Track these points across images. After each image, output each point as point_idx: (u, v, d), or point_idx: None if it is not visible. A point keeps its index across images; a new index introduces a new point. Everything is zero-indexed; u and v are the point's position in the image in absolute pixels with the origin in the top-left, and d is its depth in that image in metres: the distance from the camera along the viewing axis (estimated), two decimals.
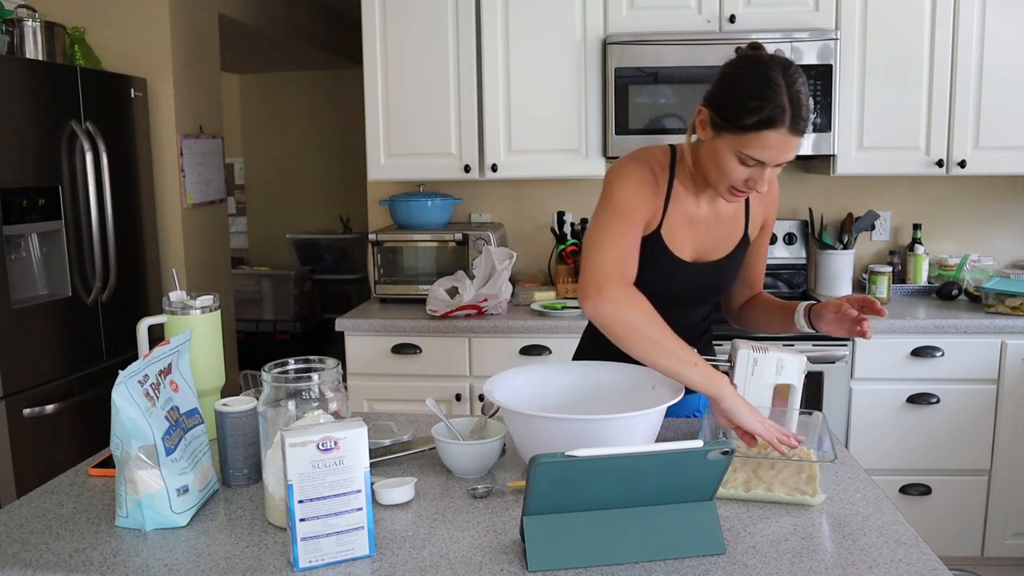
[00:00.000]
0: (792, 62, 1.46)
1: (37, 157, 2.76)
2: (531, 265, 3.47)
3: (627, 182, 1.57)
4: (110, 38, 3.42)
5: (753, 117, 1.41)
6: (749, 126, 1.42)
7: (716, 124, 1.48)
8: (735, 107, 1.44)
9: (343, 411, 1.25)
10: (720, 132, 1.47)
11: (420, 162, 3.08)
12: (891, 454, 2.80)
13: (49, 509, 1.30)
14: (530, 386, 1.54)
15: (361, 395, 2.90)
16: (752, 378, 1.52)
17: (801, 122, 1.42)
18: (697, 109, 1.52)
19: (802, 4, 2.90)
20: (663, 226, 1.61)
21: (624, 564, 1.10)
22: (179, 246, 3.57)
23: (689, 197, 1.63)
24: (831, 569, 1.09)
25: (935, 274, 3.25)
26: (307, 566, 1.10)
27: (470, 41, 3.01)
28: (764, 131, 1.41)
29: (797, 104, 1.41)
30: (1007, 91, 2.90)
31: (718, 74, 1.51)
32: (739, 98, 1.43)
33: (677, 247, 1.63)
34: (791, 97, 1.41)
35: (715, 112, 1.48)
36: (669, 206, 1.61)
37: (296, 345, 5.40)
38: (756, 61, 1.46)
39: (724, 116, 1.46)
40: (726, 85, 1.47)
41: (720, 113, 1.47)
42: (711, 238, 1.67)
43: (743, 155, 1.45)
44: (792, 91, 1.41)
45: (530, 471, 1.05)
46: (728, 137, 1.46)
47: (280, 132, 6.50)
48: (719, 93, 1.48)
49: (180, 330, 1.49)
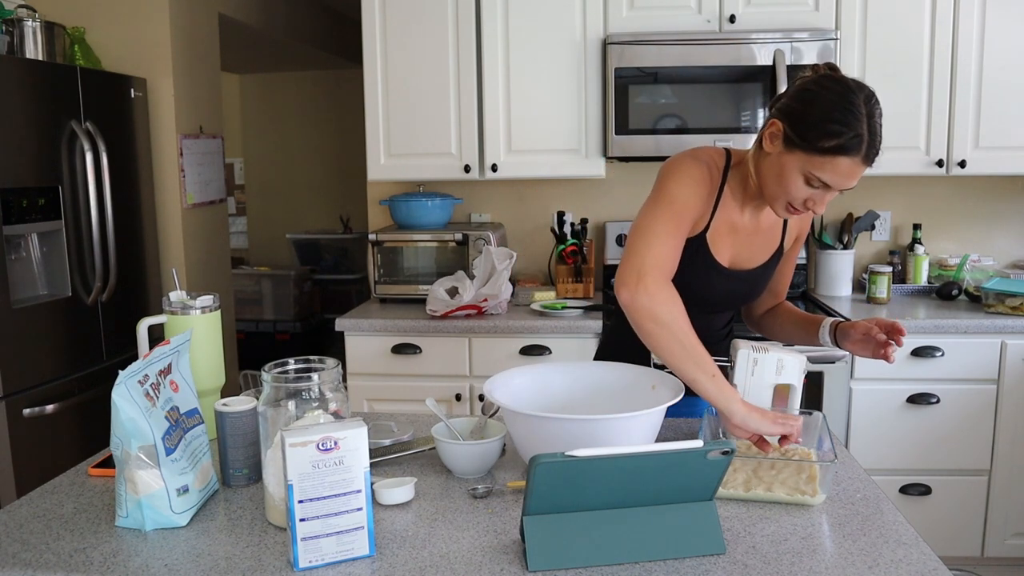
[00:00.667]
0: (873, 92, 1.43)
1: (37, 157, 2.76)
2: (531, 265, 3.47)
3: (684, 179, 1.55)
4: (110, 38, 3.42)
5: (831, 141, 1.39)
6: (825, 149, 1.39)
7: (789, 140, 1.44)
8: (813, 127, 1.40)
9: (343, 411, 1.25)
10: (792, 149, 1.44)
11: (420, 162, 3.08)
12: (891, 454, 2.80)
13: (49, 509, 1.30)
14: (530, 386, 1.54)
15: (361, 395, 2.90)
16: (752, 378, 1.52)
17: (875, 153, 1.41)
18: (769, 121, 1.49)
19: (802, 4, 2.90)
20: (709, 230, 1.60)
21: (624, 564, 1.10)
22: (179, 246, 3.57)
23: (735, 204, 1.62)
24: (831, 569, 1.09)
25: (935, 274, 3.25)
26: (307, 566, 1.10)
27: (470, 41, 3.01)
28: (838, 156, 1.39)
29: (873, 134, 1.40)
30: (1007, 91, 2.90)
31: (795, 89, 1.47)
32: (819, 119, 1.40)
33: (718, 252, 1.62)
34: (870, 127, 1.39)
35: (790, 127, 1.44)
36: (717, 211, 1.60)
37: (296, 345, 5.40)
38: (839, 83, 1.42)
39: (799, 133, 1.42)
40: (804, 104, 1.43)
41: (795, 130, 1.43)
42: (750, 247, 1.66)
43: (811, 175, 1.43)
44: (872, 121, 1.40)
45: (530, 471, 1.05)
46: (799, 155, 1.43)
47: (280, 132, 6.51)
48: (797, 109, 1.44)
49: (180, 330, 1.49)
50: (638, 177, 3.39)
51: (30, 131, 2.73)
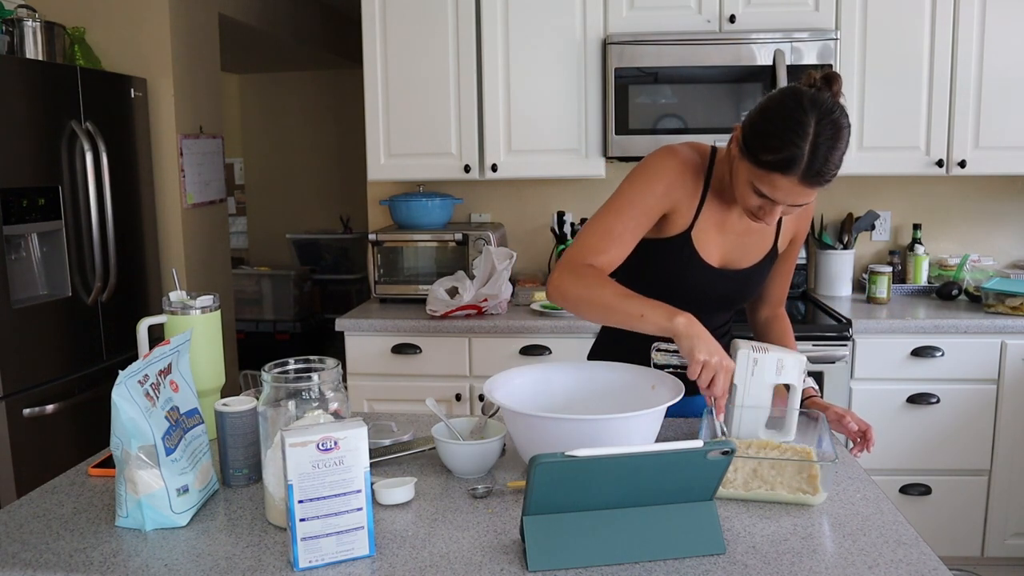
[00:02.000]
0: (835, 110, 1.38)
1: (37, 157, 2.76)
2: (531, 265, 3.47)
3: (642, 176, 1.57)
4: (110, 38, 3.42)
5: (768, 155, 1.39)
6: (762, 162, 1.40)
7: (741, 147, 1.46)
8: (757, 139, 1.41)
9: (343, 411, 1.25)
10: (743, 156, 1.45)
11: (420, 162, 3.08)
12: (891, 454, 2.80)
13: (49, 509, 1.30)
14: (530, 386, 1.54)
15: (361, 395, 2.90)
16: (752, 378, 1.52)
17: (815, 176, 1.38)
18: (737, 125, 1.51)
19: (802, 4, 2.90)
20: (694, 228, 1.60)
21: (624, 564, 1.10)
22: (179, 246, 3.57)
23: (722, 203, 1.61)
24: (831, 569, 1.09)
25: (935, 274, 3.25)
26: (307, 566, 1.10)
27: (470, 41, 3.01)
28: (774, 173, 1.39)
29: (815, 156, 1.36)
30: (1007, 91, 2.90)
31: (763, 98, 1.47)
32: (763, 132, 1.40)
33: (706, 251, 1.61)
34: (813, 148, 1.36)
35: (742, 135, 1.45)
36: (702, 209, 1.59)
37: (296, 345, 5.40)
38: (795, 99, 1.39)
39: (747, 143, 1.44)
40: (759, 113, 1.44)
41: (745, 138, 1.44)
42: (741, 246, 1.65)
43: (756, 186, 1.44)
44: (817, 142, 1.36)
45: (530, 471, 1.05)
46: (747, 164, 1.44)
47: (280, 132, 6.50)
48: (751, 119, 1.45)
49: (180, 330, 1.49)
50: None
51: (30, 131, 2.73)
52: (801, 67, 2.81)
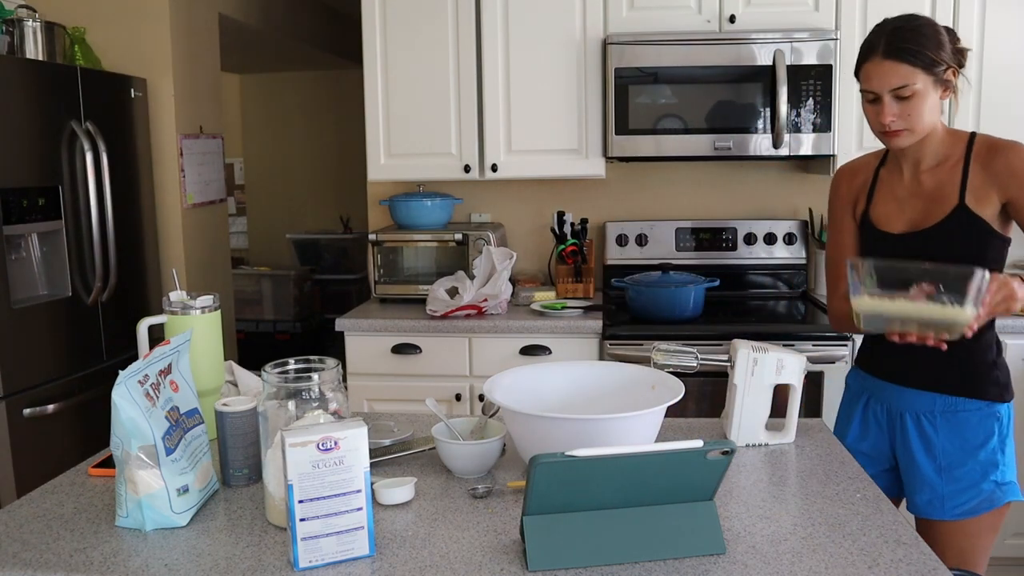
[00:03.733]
0: (918, 15, 1.65)
1: (37, 157, 2.76)
2: (531, 265, 3.47)
3: (830, 196, 1.92)
4: (110, 38, 3.42)
5: (858, 58, 1.67)
6: (857, 67, 1.68)
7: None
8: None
9: (343, 411, 1.25)
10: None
11: (420, 162, 3.08)
12: None
13: (49, 509, 1.30)
14: (530, 386, 1.54)
15: (361, 395, 2.90)
16: (752, 378, 1.53)
17: (893, 48, 1.59)
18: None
19: (802, 4, 2.90)
20: (870, 210, 1.80)
21: (624, 564, 1.10)
22: (179, 246, 3.57)
23: (895, 177, 1.79)
24: (831, 569, 1.09)
25: None
26: (307, 566, 1.10)
27: (470, 41, 3.01)
28: (863, 66, 1.65)
29: (892, 34, 1.60)
30: (1007, 91, 2.90)
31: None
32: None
33: (886, 223, 1.77)
34: (885, 29, 1.62)
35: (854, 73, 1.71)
36: (875, 190, 1.81)
37: (296, 345, 5.40)
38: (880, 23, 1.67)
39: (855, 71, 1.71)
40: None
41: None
42: (918, 209, 1.75)
43: (862, 93, 1.67)
44: (888, 23, 1.63)
45: (530, 471, 1.05)
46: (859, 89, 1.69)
47: (280, 132, 6.51)
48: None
49: (180, 330, 1.49)
50: (638, 177, 3.39)
51: (30, 131, 2.73)
52: (801, 67, 2.81)
